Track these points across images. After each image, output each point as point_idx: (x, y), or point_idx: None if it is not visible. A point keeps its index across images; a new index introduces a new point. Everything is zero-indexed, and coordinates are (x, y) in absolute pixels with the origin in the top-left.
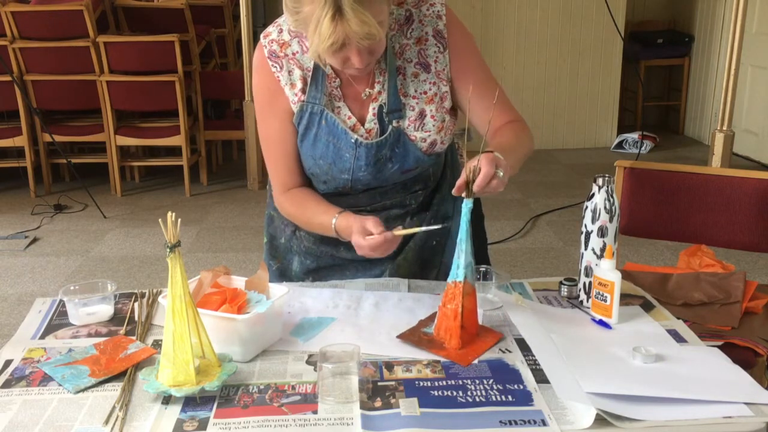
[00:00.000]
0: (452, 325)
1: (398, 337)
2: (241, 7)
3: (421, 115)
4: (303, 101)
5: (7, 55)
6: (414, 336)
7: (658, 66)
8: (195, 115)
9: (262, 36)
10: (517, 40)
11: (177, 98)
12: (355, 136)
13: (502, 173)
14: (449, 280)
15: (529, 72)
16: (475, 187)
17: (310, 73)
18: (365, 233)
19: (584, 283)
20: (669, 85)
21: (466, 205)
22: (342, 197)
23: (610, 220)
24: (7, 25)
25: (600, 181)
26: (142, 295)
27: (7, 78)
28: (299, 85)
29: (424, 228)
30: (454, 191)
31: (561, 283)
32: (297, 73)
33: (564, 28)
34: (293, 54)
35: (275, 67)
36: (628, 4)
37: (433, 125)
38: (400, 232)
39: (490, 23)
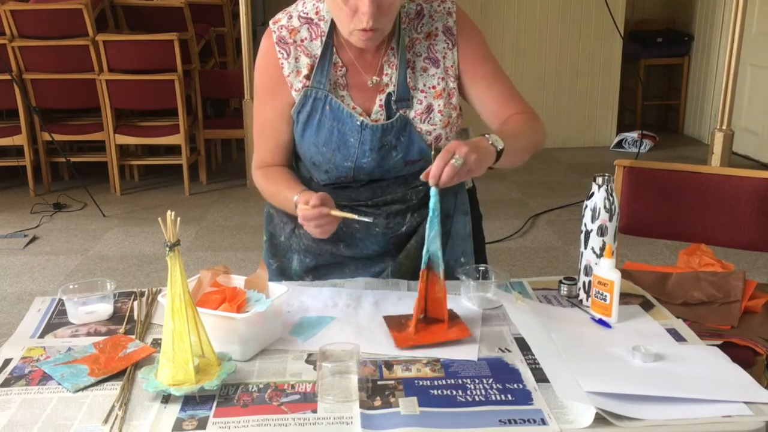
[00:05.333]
0: (415, 311)
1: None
2: (241, 6)
3: (429, 108)
4: (307, 86)
5: (6, 54)
6: (394, 320)
7: (658, 65)
8: (194, 114)
9: (271, 22)
10: (517, 39)
11: (176, 97)
12: (361, 118)
13: (459, 162)
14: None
15: (528, 71)
16: (422, 176)
17: (317, 60)
18: (305, 202)
19: (584, 282)
20: (668, 84)
21: (430, 193)
22: (342, 190)
23: (610, 219)
24: (6, 24)
25: (599, 180)
26: (142, 294)
27: (7, 77)
28: (305, 71)
29: (356, 217)
30: (422, 176)
31: (560, 282)
32: (304, 60)
33: (563, 28)
34: (302, 41)
35: (282, 53)
36: (628, 3)
37: (440, 120)
38: (335, 212)
39: (490, 23)
